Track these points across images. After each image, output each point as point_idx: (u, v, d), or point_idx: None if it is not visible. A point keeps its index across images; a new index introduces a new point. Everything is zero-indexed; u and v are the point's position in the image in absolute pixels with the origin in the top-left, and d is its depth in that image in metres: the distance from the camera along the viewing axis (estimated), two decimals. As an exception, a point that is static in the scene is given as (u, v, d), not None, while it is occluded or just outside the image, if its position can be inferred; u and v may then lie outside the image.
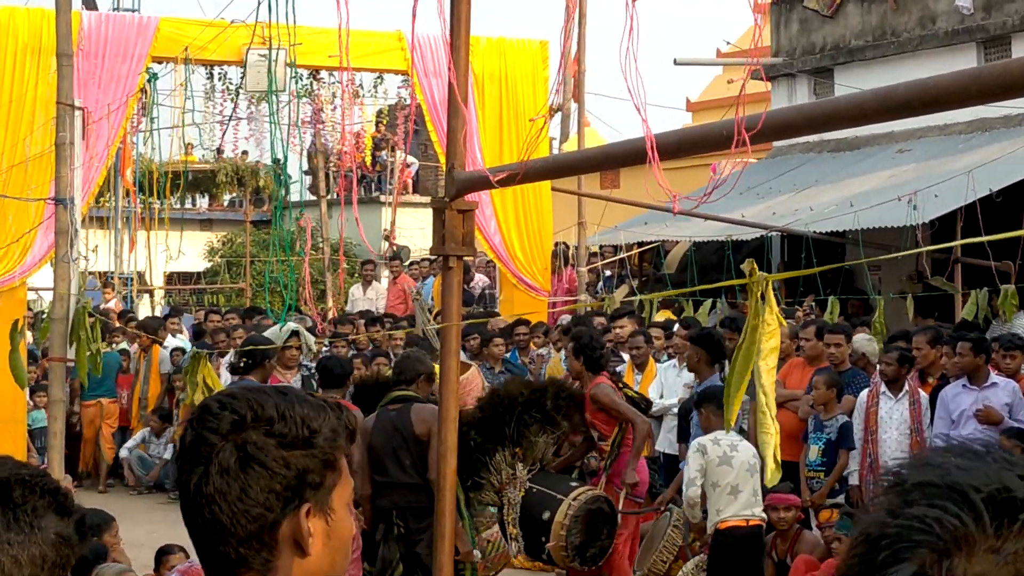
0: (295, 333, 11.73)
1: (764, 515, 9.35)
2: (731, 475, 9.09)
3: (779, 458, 5.00)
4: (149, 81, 16.20)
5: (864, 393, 10.86)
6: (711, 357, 10.50)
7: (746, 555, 9.24)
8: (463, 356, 13.95)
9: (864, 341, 12.26)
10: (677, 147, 5.68)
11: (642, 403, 10.44)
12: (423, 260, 22.61)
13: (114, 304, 22.18)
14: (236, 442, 2.09)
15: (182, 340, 17.21)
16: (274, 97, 15.76)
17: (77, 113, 11.02)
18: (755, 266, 4.82)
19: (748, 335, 4.88)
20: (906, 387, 10.67)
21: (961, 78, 3.90)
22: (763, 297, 4.90)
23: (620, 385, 10.53)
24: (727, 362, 9.54)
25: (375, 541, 9.20)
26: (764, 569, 9.52)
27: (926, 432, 10.51)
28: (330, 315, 20.52)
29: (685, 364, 12.07)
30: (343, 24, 7.01)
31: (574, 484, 9.73)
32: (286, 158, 16.78)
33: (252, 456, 2.09)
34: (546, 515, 9.24)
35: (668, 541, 9.86)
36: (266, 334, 11.50)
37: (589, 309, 17.65)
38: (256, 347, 10.63)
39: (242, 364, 10.58)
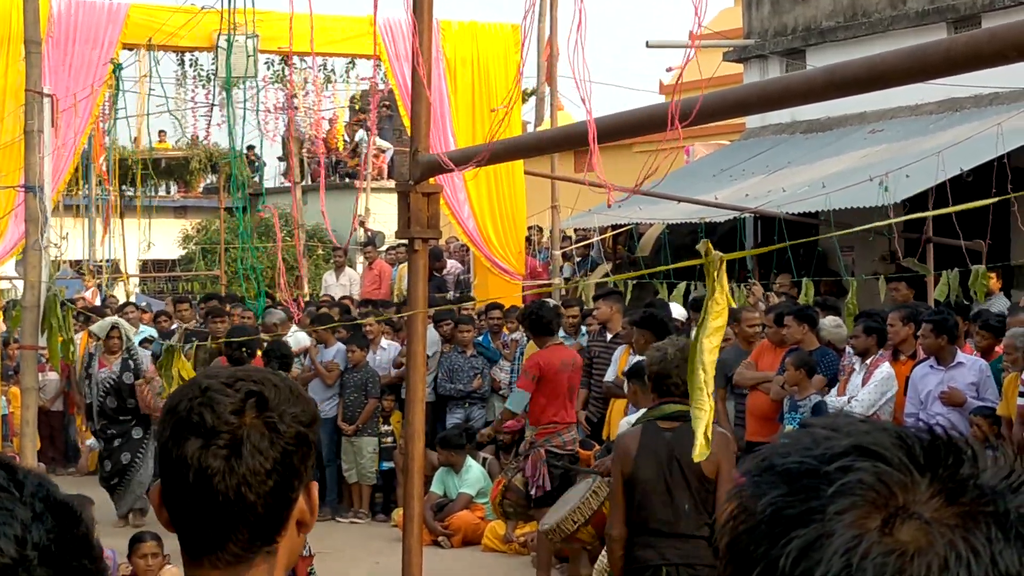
0: (115, 326, 14.08)
1: None
2: None
3: (709, 435, 5.04)
4: (114, 72, 16.09)
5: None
6: (657, 338, 10.40)
7: None
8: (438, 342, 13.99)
9: (832, 327, 12.15)
10: (612, 132, 5.87)
11: None
12: (399, 245, 22.52)
13: (90, 294, 22.06)
14: (266, 421, 2.06)
15: (148, 329, 17.13)
16: (235, 83, 15.70)
17: (46, 100, 10.96)
18: (710, 245, 4.86)
19: (703, 315, 4.92)
20: (870, 359, 10.83)
21: (907, 55, 3.91)
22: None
23: None
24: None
25: None
26: None
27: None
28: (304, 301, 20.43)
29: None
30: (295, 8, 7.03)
31: None
32: (234, 149, 16.57)
33: (282, 434, 2.06)
34: None
35: (584, 504, 9.81)
36: (92, 328, 14.31)
37: (564, 293, 17.66)
38: (245, 337, 11.51)
39: (245, 354, 11.56)
